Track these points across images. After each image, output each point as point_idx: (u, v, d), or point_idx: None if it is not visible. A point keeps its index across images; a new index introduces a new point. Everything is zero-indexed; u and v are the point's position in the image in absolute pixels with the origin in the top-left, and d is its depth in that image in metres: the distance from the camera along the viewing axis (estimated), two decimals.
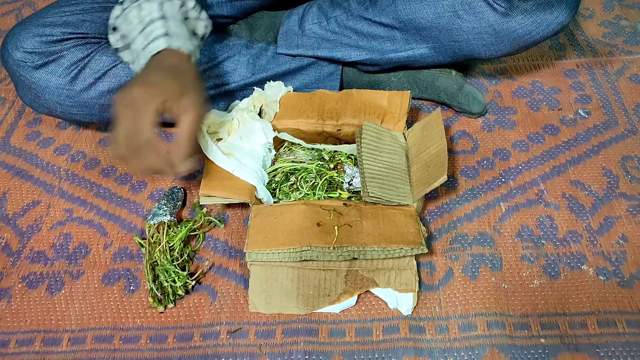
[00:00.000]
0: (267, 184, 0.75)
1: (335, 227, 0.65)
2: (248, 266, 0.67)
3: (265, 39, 0.92)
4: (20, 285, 0.74)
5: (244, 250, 0.66)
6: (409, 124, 0.81)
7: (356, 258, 0.65)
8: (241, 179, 0.71)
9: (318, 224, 0.66)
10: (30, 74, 0.77)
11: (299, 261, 0.65)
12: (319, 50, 0.86)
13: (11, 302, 0.72)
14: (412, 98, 0.85)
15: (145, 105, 0.59)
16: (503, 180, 0.80)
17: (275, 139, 0.78)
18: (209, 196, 0.70)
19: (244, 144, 0.76)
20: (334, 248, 0.63)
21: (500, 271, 0.70)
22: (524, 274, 0.70)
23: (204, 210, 0.79)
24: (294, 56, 0.88)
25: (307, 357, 0.64)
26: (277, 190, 0.75)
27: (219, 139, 0.76)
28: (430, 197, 0.78)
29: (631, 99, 0.90)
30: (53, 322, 0.70)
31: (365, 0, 0.83)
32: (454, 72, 0.88)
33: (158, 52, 0.65)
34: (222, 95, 0.85)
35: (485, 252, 0.72)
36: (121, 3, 0.71)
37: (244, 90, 0.86)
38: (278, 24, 0.92)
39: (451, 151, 0.85)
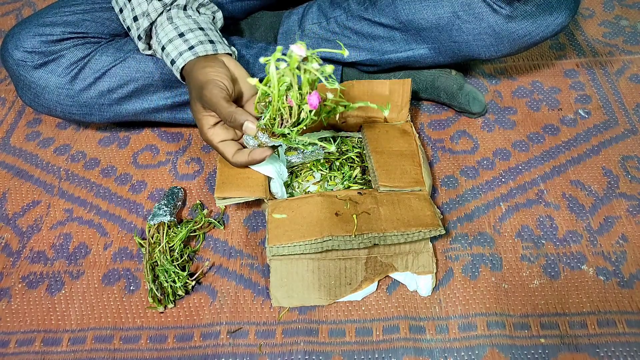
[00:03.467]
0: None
1: (354, 216, 0.66)
2: (268, 261, 0.67)
3: (265, 39, 0.92)
4: (20, 285, 0.74)
5: (265, 246, 0.66)
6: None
7: (377, 244, 0.65)
8: (253, 178, 0.71)
9: (336, 214, 0.67)
10: (30, 73, 0.77)
11: (320, 252, 0.66)
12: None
13: (11, 302, 0.72)
14: (412, 98, 0.85)
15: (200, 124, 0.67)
16: (503, 180, 0.80)
17: None
18: (224, 198, 0.70)
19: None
20: (355, 236, 0.64)
21: (500, 271, 0.70)
22: (524, 274, 0.70)
23: (205, 211, 0.79)
24: None
25: (307, 357, 0.64)
26: (290, 181, 0.77)
27: None
28: (431, 197, 0.78)
29: (631, 99, 0.90)
30: (53, 322, 0.70)
31: (365, 0, 0.83)
32: (454, 72, 0.88)
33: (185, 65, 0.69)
34: None
35: (485, 252, 0.72)
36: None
37: None
38: (278, 23, 0.92)
39: (451, 151, 0.85)
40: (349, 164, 0.79)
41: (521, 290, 0.68)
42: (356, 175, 0.77)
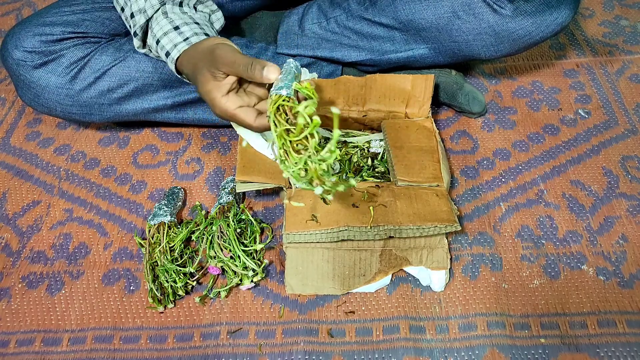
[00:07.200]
0: None
1: (371, 208, 0.67)
2: (284, 248, 0.68)
3: (265, 39, 0.92)
4: (20, 285, 0.74)
5: (282, 232, 0.67)
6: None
7: (392, 237, 0.66)
8: (274, 165, 0.71)
9: (353, 205, 0.67)
10: (30, 73, 0.77)
11: (335, 241, 0.66)
12: (318, 50, 0.86)
13: (11, 302, 0.72)
14: None
15: (210, 94, 0.62)
16: (503, 180, 0.80)
17: None
18: (245, 182, 0.71)
19: None
20: (370, 227, 0.65)
21: (500, 271, 0.70)
22: (524, 274, 0.70)
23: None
24: (294, 56, 0.88)
25: (307, 357, 0.64)
26: None
27: None
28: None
29: (631, 98, 0.90)
30: (53, 322, 0.70)
31: (365, 0, 0.83)
32: (453, 72, 0.88)
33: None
34: None
35: (485, 252, 0.72)
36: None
37: None
38: (278, 23, 0.92)
39: (451, 151, 0.85)
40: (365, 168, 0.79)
41: (521, 290, 0.68)
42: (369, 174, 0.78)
